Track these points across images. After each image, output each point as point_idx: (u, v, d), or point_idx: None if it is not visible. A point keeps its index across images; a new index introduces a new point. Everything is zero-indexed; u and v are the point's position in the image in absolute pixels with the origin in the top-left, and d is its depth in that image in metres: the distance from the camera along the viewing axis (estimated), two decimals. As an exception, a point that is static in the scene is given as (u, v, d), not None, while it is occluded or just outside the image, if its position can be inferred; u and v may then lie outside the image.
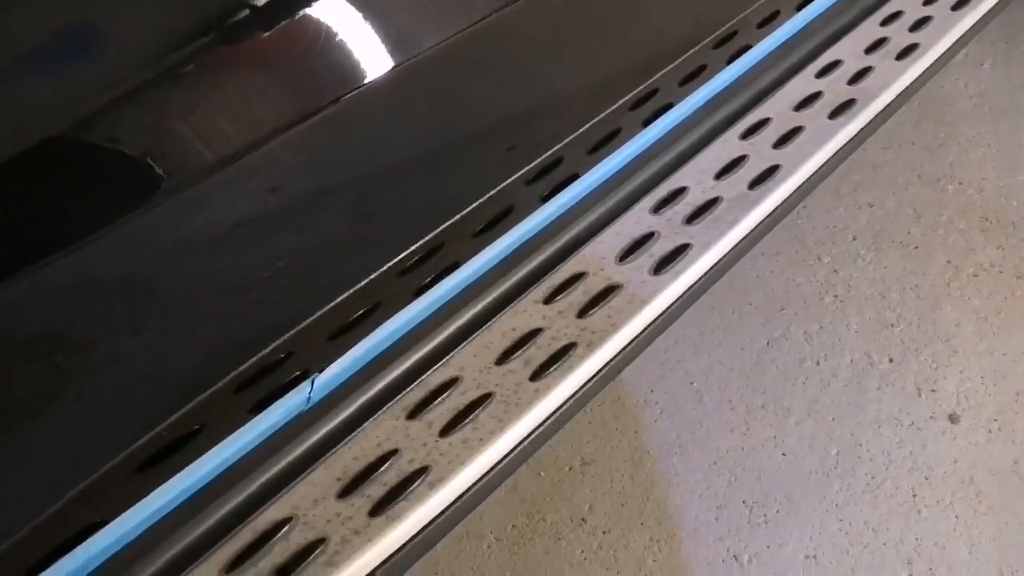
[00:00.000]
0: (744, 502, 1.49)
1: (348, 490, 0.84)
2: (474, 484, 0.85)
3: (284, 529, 0.81)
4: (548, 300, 1.01)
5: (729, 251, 1.06)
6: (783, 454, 1.54)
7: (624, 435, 1.58)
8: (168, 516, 0.81)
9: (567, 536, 1.47)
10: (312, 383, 0.87)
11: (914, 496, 1.49)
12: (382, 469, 0.85)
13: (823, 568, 1.42)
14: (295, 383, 0.87)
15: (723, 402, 1.61)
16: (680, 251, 1.04)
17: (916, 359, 1.65)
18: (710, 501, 1.49)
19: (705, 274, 1.03)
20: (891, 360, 1.65)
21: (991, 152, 1.98)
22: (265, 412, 0.85)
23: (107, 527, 0.77)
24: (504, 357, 0.95)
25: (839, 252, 1.82)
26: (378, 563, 0.80)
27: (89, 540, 0.76)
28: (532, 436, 0.89)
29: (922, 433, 1.56)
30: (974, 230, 1.84)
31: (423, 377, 0.94)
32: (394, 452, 0.87)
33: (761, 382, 1.63)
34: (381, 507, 0.82)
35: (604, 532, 1.47)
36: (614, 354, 0.96)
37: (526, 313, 1.00)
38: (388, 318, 0.94)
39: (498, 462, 0.87)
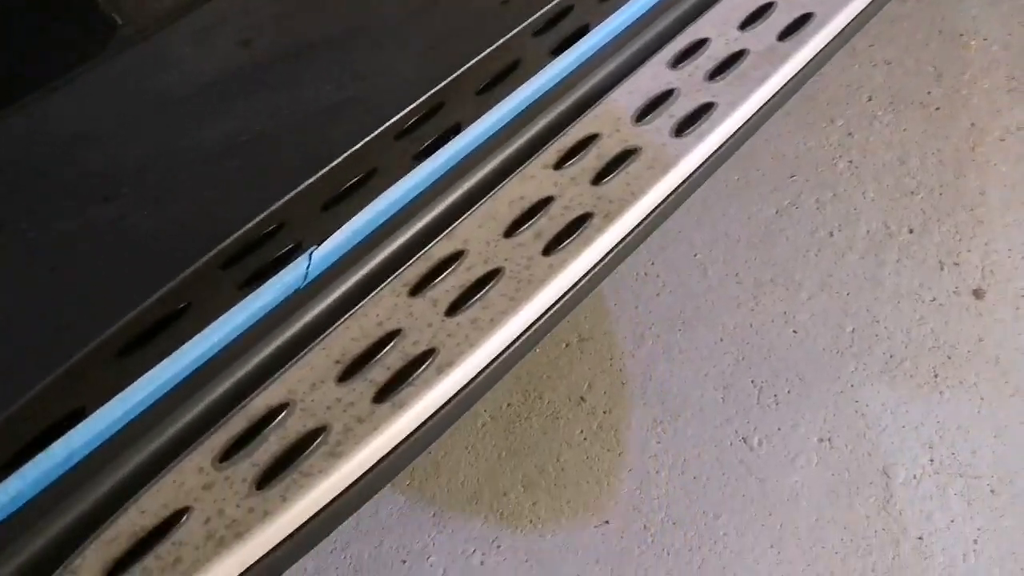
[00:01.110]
0: (752, 382, 1.46)
1: (348, 374, 0.80)
2: (486, 368, 0.82)
3: (280, 416, 0.77)
4: (559, 165, 0.94)
5: (758, 111, 0.99)
6: (794, 331, 1.50)
7: (624, 310, 1.54)
8: (156, 403, 0.76)
9: (565, 415, 1.44)
10: (310, 257, 0.81)
11: (935, 376, 1.45)
12: (385, 351, 0.81)
13: (838, 452, 1.39)
14: (288, 257, 0.83)
15: (729, 275, 1.57)
16: (704, 110, 0.98)
17: (938, 230, 1.59)
18: (716, 380, 1.46)
19: (732, 136, 0.98)
20: (911, 231, 1.59)
21: (1018, 3, 1.88)
22: (259, 290, 0.81)
23: (91, 416, 0.73)
24: (513, 228, 0.89)
25: (854, 114, 1.74)
26: (384, 453, 0.75)
27: (71, 431, 0.72)
28: (547, 315, 0.84)
29: (944, 309, 1.51)
30: (1000, 90, 1.76)
31: (425, 250, 0.88)
32: (397, 332, 0.82)
33: (770, 254, 1.58)
34: (385, 393, 0.78)
35: (604, 412, 1.44)
36: (635, 225, 0.90)
37: (535, 179, 0.93)
38: (386, 186, 0.88)
39: (511, 344, 0.83)
